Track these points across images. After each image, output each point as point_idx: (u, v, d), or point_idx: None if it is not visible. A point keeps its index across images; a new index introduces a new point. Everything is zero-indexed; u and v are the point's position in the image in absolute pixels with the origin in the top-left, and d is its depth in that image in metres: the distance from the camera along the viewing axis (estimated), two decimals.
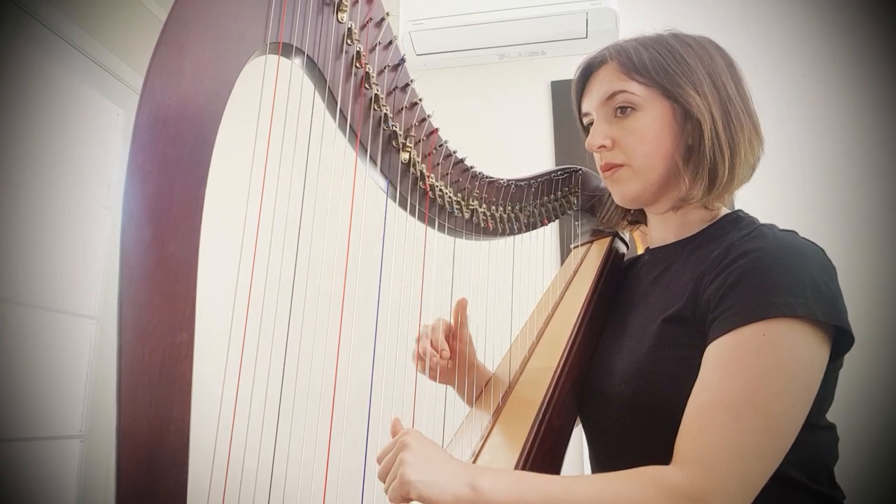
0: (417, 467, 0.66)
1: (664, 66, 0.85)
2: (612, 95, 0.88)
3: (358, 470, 0.73)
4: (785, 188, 2.01)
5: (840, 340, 0.73)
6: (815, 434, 0.77)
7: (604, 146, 0.89)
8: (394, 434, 0.73)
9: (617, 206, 1.02)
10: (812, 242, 0.78)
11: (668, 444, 0.71)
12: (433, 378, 1.02)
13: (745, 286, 0.72)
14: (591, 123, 0.93)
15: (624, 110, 0.87)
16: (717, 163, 0.83)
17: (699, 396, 0.71)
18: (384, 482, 0.70)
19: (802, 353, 0.70)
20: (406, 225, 0.90)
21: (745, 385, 0.68)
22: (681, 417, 0.71)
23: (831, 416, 0.81)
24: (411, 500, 0.66)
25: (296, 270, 0.80)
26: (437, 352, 0.99)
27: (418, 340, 1.03)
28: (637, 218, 1.05)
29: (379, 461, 0.71)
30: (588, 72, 0.93)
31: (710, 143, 0.83)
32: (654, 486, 0.66)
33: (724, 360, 0.71)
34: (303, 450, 0.81)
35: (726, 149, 0.83)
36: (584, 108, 0.94)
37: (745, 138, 0.84)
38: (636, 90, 0.86)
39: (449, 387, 1.07)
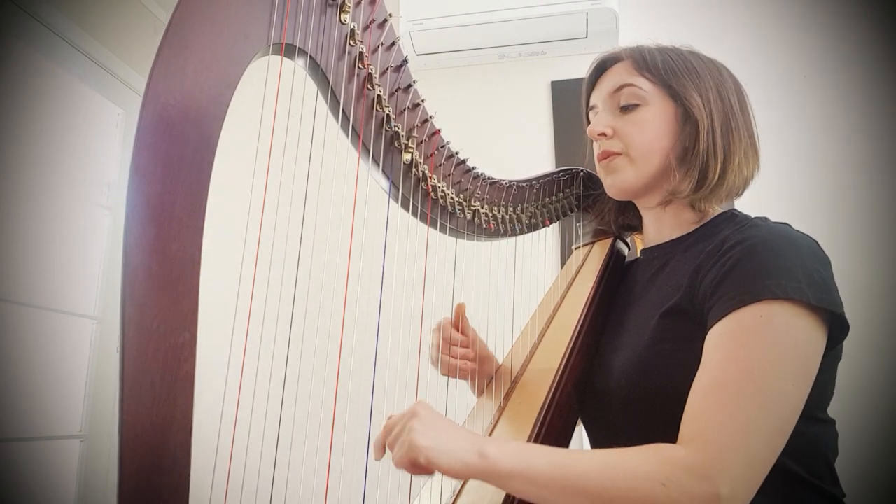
0: (427, 434, 0.67)
1: (674, 68, 0.89)
2: (620, 88, 0.91)
3: (360, 468, 0.74)
4: (785, 188, 2.01)
5: (836, 329, 0.74)
6: (816, 427, 0.77)
7: (604, 134, 0.92)
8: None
9: (611, 203, 1.05)
10: (805, 233, 0.79)
11: (669, 438, 0.71)
12: (453, 374, 1.02)
13: (739, 272, 0.74)
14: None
15: (628, 108, 0.90)
16: (709, 165, 0.86)
17: (701, 379, 0.72)
18: (391, 448, 0.70)
19: (798, 334, 0.71)
20: (408, 226, 0.90)
21: (745, 364, 0.69)
22: (681, 410, 0.72)
23: (832, 412, 0.82)
24: (419, 464, 0.67)
25: (298, 270, 0.80)
26: (450, 347, 1.00)
27: (434, 345, 1.03)
28: (631, 223, 1.06)
29: (388, 430, 0.72)
30: (603, 67, 0.96)
31: (704, 144, 0.86)
32: (659, 461, 0.66)
33: (723, 342, 0.72)
34: (305, 449, 0.81)
35: (720, 153, 0.86)
36: (592, 101, 0.97)
37: (740, 149, 0.87)
38: (643, 85, 0.90)
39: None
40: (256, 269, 0.73)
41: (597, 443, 0.92)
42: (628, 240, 1.17)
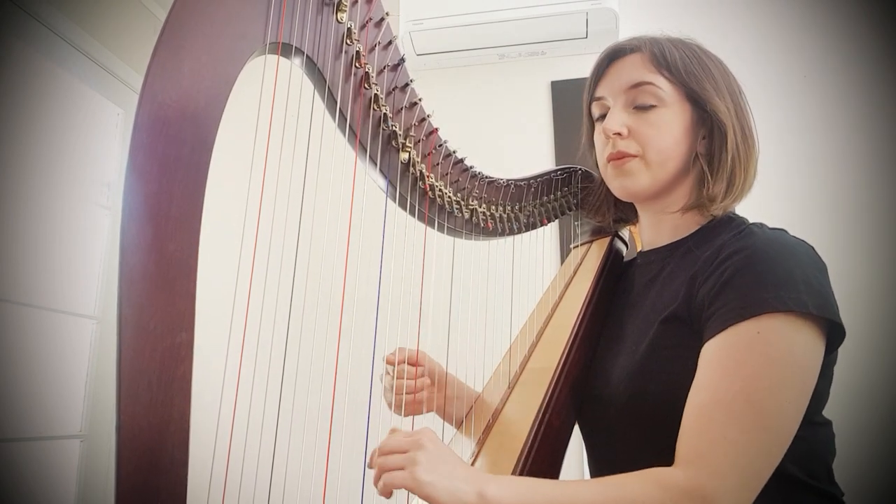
0: (431, 469, 0.66)
1: (692, 69, 0.87)
2: (639, 85, 0.87)
3: (358, 469, 0.74)
4: (785, 188, 2.01)
5: (832, 335, 0.74)
6: (813, 430, 0.77)
7: (619, 133, 0.88)
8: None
9: (606, 198, 1.03)
10: (801, 239, 0.79)
11: (666, 445, 0.71)
12: (409, 413, 1.00)
13: (736, 283, 0.73)
14: (601, 112, 0.92)
15: (644, 107, 0.87)
16: (736, 170, 0.85)
17: (697, 396, 0.71)
18: (382, 470, 0.69)
19: (797, 348, 0.70)
20: (406, 225, 0.90)
21: (742, 383, 0.68)
22: (678, 418, 0.71)
23: (829, 413, 0.81)
24: (403, 493, 0.67)
25: (295, 270, 0.80)
26: (408, 388, 0.98)
27: (385, 380, 1.00)
28: (625, 216, 1.06)
29: (383, 453, 0.70)
30: (615, 56, 0.91)
31: (732, 152, 0.85)
32: (657, 487, 0.66)
33: (720, 358, 0.71)
34: (303, 449, 0.81)
35: (743, 158, 0.85)
36: (600, 92, 0.92)
37: (755, 153, 0.87)
38: (663, 85, 0.87)
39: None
40: (253, 270, 0.73)
41: (593, 448, 0.92)
42: (627, 238, 1.17)
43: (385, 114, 0.83)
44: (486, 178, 1.01)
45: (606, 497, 0.67)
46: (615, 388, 0.83)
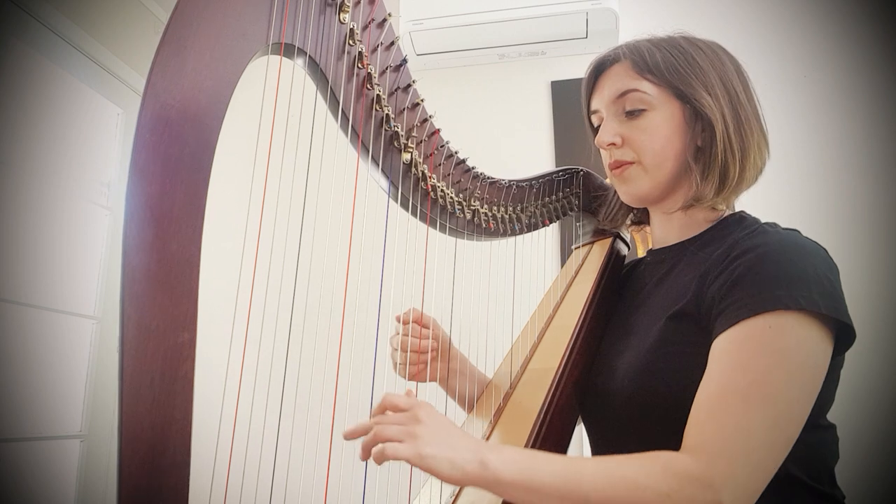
0: (430, 440, 0.65)
1: (676, 67, 0.87)
2: (624, 93, 0.88)
3: (360, 468, 0.74)
4: (784, 188, 2.01)
5: (841, 338, 0.74)
6: (817, 433, 0.77)
7: (613, 143, 0.89)
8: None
9: (622, 205, 1.03)
10: (814, 241, 0.78)
11: (671, 442, 0.71)
12: (413, 378, 1.01)
13: (749, 280, 0.73)
14: (600, 122, 0.93)
15: (634, 113, 0.88)
16: (728, 164, 0.84)
17: (707, 387, 0.71)
18: (381, 437, 0.66)
19: (807, 345, 0.70)
20: (407, 225, 0.90)
21: (753, 375, 0.68)
22: (684, 414, 0.71)
23: (831, 416, 0.82)
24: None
25: (298, 270, 0.80)
26: (415, 346, 0.99)
27: (393, 340, 1.01)
28: (641, 218, 1.06)
29: (382, 409, 0.69)
30: (600, 69, 0.93)
31: (721, 144, 0.84)
32: (663, 469, 0.66)
33: (731, 351, 0.71)
34: (304, 449, 0.81)
35: (737, 150, 0.84)
36: (594, 106, 0.94)
37: (754, 142, 0.86)
38: (648, 89, 0.87)
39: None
40: (256, 270, 0.73)
41: (597, 443, 0.92)
42: (628, 239, 1.17)
43: (387, 114, 0.83)
44: (488, 178, 1.01)
45: (609, 474, 0.66)
46: (620, 382, 0.83)
